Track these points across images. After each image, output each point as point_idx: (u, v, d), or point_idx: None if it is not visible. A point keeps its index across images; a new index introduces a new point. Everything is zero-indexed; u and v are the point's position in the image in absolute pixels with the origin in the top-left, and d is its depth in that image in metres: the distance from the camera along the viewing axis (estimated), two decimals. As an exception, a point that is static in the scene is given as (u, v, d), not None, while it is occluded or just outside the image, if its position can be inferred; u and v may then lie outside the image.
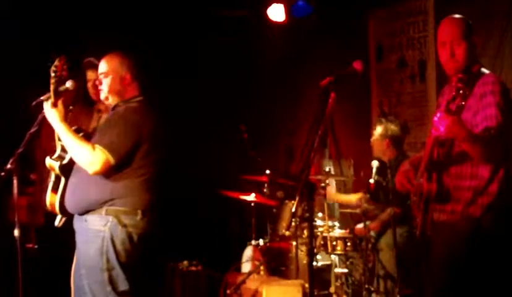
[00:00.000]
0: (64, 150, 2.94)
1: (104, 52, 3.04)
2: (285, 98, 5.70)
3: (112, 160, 2.77)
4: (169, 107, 5.20)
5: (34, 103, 2.93)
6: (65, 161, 2.93)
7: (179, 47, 5.50)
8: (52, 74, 2.84)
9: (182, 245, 4.77)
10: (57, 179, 2.97)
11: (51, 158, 2.96)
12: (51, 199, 2.97)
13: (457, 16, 2.56)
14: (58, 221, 3.01)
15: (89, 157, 2.77)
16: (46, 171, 3.04)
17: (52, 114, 2.85)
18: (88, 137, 2.92)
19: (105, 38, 3.69)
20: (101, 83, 2.97)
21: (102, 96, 2.99)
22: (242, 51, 5.74)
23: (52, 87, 2.84)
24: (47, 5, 4.71)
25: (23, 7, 4.59)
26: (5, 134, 4.16)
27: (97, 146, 2.78)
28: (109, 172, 2.81)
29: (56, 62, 2.86)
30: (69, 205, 2.93)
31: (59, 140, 2.93)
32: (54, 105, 2.85)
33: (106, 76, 2.95)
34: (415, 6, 4.88)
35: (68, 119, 2.92)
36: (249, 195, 4.55)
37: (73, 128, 2.90)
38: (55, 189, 2.95)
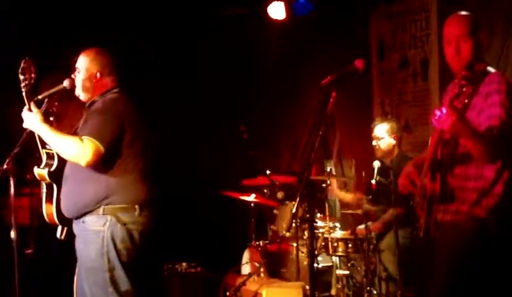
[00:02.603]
0: (49, 156, 2.91)
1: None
2: (285, 98, 5.67)
3: (101, 148, 2.74)
4: (169, 107, 5.21)
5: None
6: (53, 168, 2.90)
7: (179, 47, 5.48)
8: (21, 77, 2.81)
9: (181, 246, 4.74)
10: (49, 188, 2.93)
11: (38, 167, 2.91)
12: (48, 210, 2.93)
13: (463, 13, 2.52)
14: (59, 233, 2.96)
15: (80, 149, 2.74)
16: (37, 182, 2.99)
17: (31, 118, 2.82)
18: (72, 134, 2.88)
19: (105, 38, 3.67)
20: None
21: (76, 91, 2.98)
22: (242, 51, 5.72)
23: (23, 91, 2.81)
24: (47, 5, 4.69)
25: (23, 7, 4.58)
26: (4, 134, 4.14)
27: (84, 137, 2.76)
28: (100, 166, 2.78)
29: (22, 64, 2.83)
30: (66, 210, 2.89)
31: (43, 147, 2.90)
32: (29, 110, 2.82)
33: (78, 72, 2.96)
34: (418, 4, 4.85)
35: (56, 116, 2.88)
36: (249, 195, 4.52)
37: None
38: (49, 200, 2.91)
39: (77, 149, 2.74)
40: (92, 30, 4.59)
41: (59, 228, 2.95)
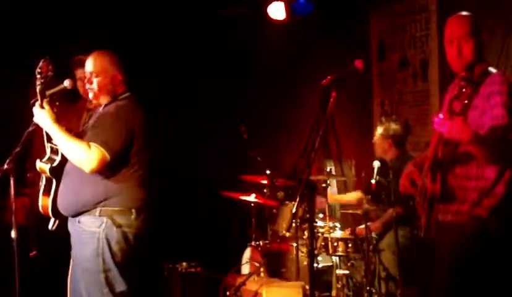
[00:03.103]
0: (53, 151, 2.91)
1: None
2: (285, 98, 5.67)
3: (107, 156, 2.74)
4: (169, 107, 5.21)
5: (32, 102, 2.90)
6: (55, 163, 2.90)
7: (179, 47, 5.48)
8: (38, 76, 2.82)
9: (181, 246, 4.73)
10: (48, 181, 2.93)
11: (41, 160, 2.92)
12: (43, 202, 2.94)
13: (464, 13, 2.52)
14: (51, 224, 2.97)
15: (86, 155, 2.74)
16: (38, 174, 3.01)
17: (42, 115, 2.82)
18: (78, 136, 2.88)
19: (105, 38, 3.67)
20: (91, 83, 2.93)
21: (92, 95, 2.95)
22: (242, 51, 5.72)
23: (38, 88, 2.82)
24: (47, 5, 4.69)
25: (23, 7, 4.57)
26: (4, 134, 4.14)
27: (92, 143, 2.76)
28: (103, 171, 2.78)
29: (41, 63, 2.83)
30: (62, 208, 2.90)
31: (48, 142, 2.90)
32: (41, 106, 2.82)
33: (97, 76, 2.91)
34: (418, 4, 4.85)
35: (56, 117, 2.88)
36: (249, 195, 4.52)
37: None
38: (46, 192, 2.92)
39: (83, 155, 2.74)
40: (92, 30, 4.59)
41: (52, 220, 2.96)
